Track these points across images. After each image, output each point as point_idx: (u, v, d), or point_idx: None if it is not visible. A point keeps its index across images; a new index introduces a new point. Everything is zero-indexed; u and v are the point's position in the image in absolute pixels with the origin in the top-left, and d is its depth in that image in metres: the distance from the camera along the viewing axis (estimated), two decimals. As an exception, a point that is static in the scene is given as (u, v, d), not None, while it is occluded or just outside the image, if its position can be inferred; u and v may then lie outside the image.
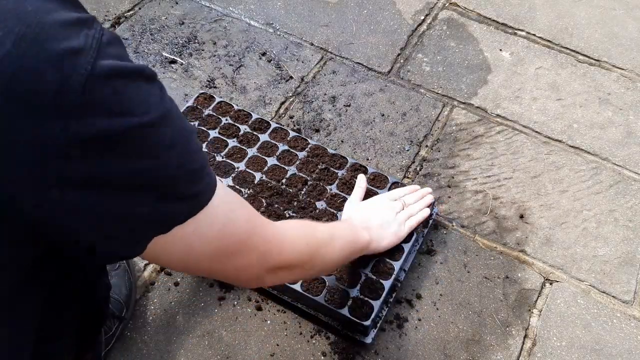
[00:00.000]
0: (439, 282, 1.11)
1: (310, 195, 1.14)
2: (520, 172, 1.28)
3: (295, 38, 1.52)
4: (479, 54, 1.52)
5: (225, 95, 1.37)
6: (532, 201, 1.23)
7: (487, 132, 1.36)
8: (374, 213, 1.04)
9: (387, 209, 1.06)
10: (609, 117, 1.40)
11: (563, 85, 1.46)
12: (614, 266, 1.15)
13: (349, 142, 1.31)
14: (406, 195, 1.12)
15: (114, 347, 0.99)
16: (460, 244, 1.16)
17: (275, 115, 1.35)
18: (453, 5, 1.64)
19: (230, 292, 1.07)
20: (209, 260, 0.57)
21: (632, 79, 1.48)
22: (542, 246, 1.17)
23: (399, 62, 1.49)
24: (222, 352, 1.00)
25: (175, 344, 1.01)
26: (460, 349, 1.03)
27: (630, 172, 1.29)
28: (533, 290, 1.11)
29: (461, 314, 1.07)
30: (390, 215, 1.05)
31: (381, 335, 1.03)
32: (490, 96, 1.43)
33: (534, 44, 1.55)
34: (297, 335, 1.03)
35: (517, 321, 1.07)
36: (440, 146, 1.32)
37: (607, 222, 1.21)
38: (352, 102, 1.39)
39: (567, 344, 1.05)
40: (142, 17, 1.54)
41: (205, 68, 1.43)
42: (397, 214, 1.06)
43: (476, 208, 1.22)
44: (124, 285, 1.01)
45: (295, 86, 1.41)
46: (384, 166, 1.27)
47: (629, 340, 1.05)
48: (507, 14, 1.62)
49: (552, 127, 1.37)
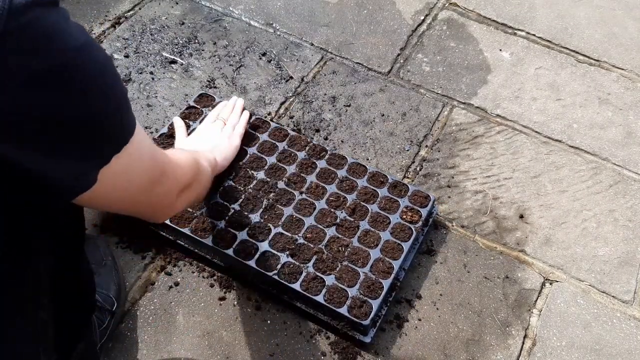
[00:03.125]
0: (438, 282, 1.11)
1: (311, 195, 1.14)
2: (520, 172, 1.29)
3: (295, 38, 1.53)
4: (478, 54, 1.52)
5: (225, 96, 1.37)
6: (532, 201, 1.24)
7: (487, 132, 1.36)
8: (203, 140, 1.14)
9: (212, 131, 1.16)
10: (608, 117, 1.40)
11: (563, 85, 1.46)
12: (614, 266, 1.15)
13: (349, 142, 1.31)
14: (220, 113, 1.21)
15: (114, 347, 0.99)
16: (460, 244, 1.16)
17: (275, 115, 1.35)
18: (453, 6, 1.64)
19: (231, 292, 1.07)
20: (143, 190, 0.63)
21: (632, 79, 1.48)
22: (542, 246, 1.17)
23: (399, 62, 1.49)
24: (222, 352, 1.00)
25: (175, 344, 1.01)
26: (460, 349, 1.03)
27: (630, 172, 1.29)
28: (533, 290, 1.11)
29: (461, 314, 1.07)
30: (217, 134, 1.15)
31: (381, 335, 1.03)
32: (490, 96, 1.43)
33: (534, 44, 1.55)
34: (297, 335, 1.03)
35: (517, 321, 1.07)
36: (440, 146, 1.32)
37: (607, 222, 1.21)
38: (352, 102, 1.39)
39: (567, 344, 1.05)
40: (142, 17, 1.54)
41: (206, 68, 1.44)
42: (222, 130, 1.16)
43: (476, 208, 1.22)
44: (112, 281, 1.01)
45: (295, 86, 1.42)
46: (384, 166, 1.27)
47: (629, 340, 1.05)
48: (507, 14, 1.62)
49: (552, 127, 1.37)
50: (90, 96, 0.48)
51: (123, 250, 1.11)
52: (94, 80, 0.48)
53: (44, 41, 0.43)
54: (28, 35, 0.42)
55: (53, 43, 0.44)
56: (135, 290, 1.07)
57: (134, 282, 1.07)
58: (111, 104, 0.52)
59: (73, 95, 0.46)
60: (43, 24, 0.43)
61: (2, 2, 0.40)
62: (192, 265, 1.10)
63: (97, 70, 0.49)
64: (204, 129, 1.18)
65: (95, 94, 0.49)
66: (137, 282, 1.07)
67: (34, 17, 0.42)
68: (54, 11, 0.44)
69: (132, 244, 1.12)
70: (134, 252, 1.11)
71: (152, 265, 1.10)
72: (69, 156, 0.51)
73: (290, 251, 1.05)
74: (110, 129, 0.54)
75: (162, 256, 1.10)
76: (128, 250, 1.11)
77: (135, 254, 1.10)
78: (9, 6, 0.40)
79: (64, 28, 0.45)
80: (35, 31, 0.42)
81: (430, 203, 1.14)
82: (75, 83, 0.46)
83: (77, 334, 0.79)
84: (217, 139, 1.14)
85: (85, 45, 0.47)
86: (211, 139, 1.14)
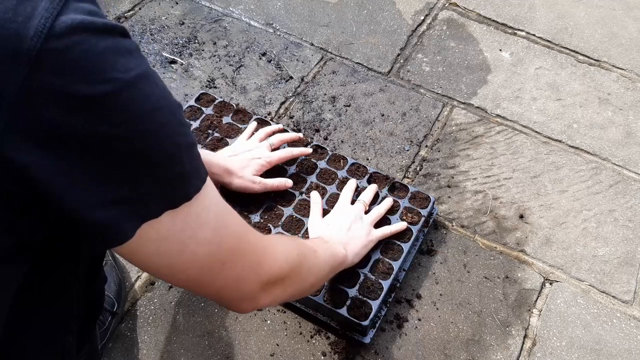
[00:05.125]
0: (438, 282, 1.11)
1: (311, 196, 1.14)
2: (520, 172, 1.29)
3: (295, 38, 1.53)
4: (478, 54, 1.52)
5: (225, 96, 1.37)
6: (532, 201, 1.23)
7: (487, 132, 1.36)
8: (340, 226, 1.00)
9: (352, 218, 1.02)
10: (608, 117, 1.40)
11: (563, 85, 1.46)
12: (614, 266, 1.15)
13: (349, 142, 1.31)
14: (362, 195, 1.11)
15: (114, 347, 0.99)
16: (460, 244, 1.16)
17: (275, 115, 1.35)
18: (453, 6, 1.64)
19: (230, 292, 1.07)
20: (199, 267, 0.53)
21: (632, 79, 1.48)
22: (542, 246, 1.17)
23: (399, 62, 1.49)
24: (222, 352, 1.00)
25: (175, 344, 1.01)
26: (460, 349, 1.03)
27: (630, 172, 1.29)
28: (533, 290, 1.11)
29: (461, 314, 1.07)
30: (358, 224, 1.02)
31: (381, 335, 1.03)
32: (490, 96, 1.43)
33: (534, 44, 1.55)
34: (297, 335, 1.03)
35: (517, 321, 1.07)
36: (440, 146, 1.32)
37: (607, 222, 1.21)
38: (352, 102, 1.39)
39: (567, 344, 1.05)
40: (142, 17, 1.54)
41: (205, 68, 1.44)
42: (363, 219, 1.04)
43: (476, 208, 1.22)
44: (112, 281, 1.01)
45: (295, 86, 1.42)
46: (383, 166, 1.27)
47: (629, 340, 1.05)
48: (507, 14, 1.62)
49: (552, 127, 1.37)
50: (135, 134, 0.44)
51: (123, 250, 1.11)
52: (140, 117, 0.44)
53: (84, 68, 0.41)
54: (69, 58, 0.40)
55: (97, 71, 0.42)
56: (136, 290, 1.07)
57: (134, 282, 1.07)
58: (163, 148, 0.46)
59: (115, 128, 0.43)
60: (87, 50, 0.41)
61: (44, 21, 0.39)
62: (192, 266, 1.10)
63: (147, 107, 0.45)
64: (343, 212, 1.04)
65: (140, 132, 0.44)
66: (137, 282, 1.08)
67: (77, 41, 0.41)
68: (104, 39, 0.42)
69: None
70: (134, 252, 1.10)
71: (152, 265, 1.10)
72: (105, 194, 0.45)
73: None
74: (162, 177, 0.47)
75: (162, 256, 1.10)
76: (128, 251, 1.11)
77: (135, 254, 1.10)
78: (50, 26, 0.39)
79: (114, 58, 0.43)
80: (77, 56, 0.40)
81: (430, 204, 1.14)
82: (119, 115, 0.43)
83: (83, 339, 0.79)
84: (355, 230, 1.00)
85: (136, 79, 0.44)
86: (350, 227, 1.00)
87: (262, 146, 1.14)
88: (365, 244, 1.01)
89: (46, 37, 0.39)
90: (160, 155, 0.46)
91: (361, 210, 1.06)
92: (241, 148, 1.12)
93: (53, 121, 0.41)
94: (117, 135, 0.43)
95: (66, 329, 0.66)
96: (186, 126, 0.49)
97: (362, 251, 1.00)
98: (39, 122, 0.41)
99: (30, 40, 0.39)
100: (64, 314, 0.64)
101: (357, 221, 1.02)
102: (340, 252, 0.91)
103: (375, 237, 1.04)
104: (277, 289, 0.63)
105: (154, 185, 0.47)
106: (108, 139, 0.43)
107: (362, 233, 1.01)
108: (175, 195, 0.48)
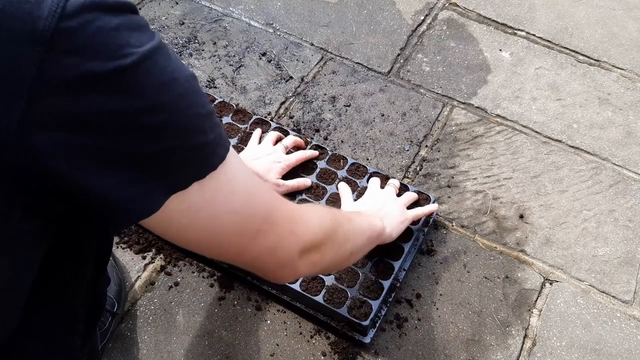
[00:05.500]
0: (438, 282, 1.11)
1: (311, 195, 1.14)
2: (520, 172, 1.29)
3: (295, 38, 1.53)
4: (478, 54, 1.52)
5: (225, 96, 1.37)
6: (532, 201, 1.23)
7: (487, 132, 1.36)
8: (375, 204, 1.03)
9: (384, 195, 1.06)
10: (608, 117, 1.40)
11: (563, 85, 1.46)
12: (614, 266, 1.15)
13: (349, 142, 1.31)
14: (390, 180, 1.14)
15: (114, 347, 0.99)
16: (460, 244, 1.16)
17: (275, 115, 1.35)
18: (453, 5, 1.64)
19: (230, 292, 1.07)
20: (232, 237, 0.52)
21: (632, 79, 1.48)
22: (542, 246, 1.17)
23: (399, 62, 1.49)
24: (222, 352, 1.00)
25: (175, 344, 1.01)
26: (460, 349, 1.03)
27: (630, 172, 1.29)
28: (533, 290, 1.11)
29: (461, 314, 1.07)
30: (391, 200, 1.05)
31: (381, 335, 1.03)
32: (490, 96, 1.43)
33: (534, 44, 1.55)
34: (297, 335, 1.03)
35: (517, 321, 1.07)
36: (440, 146, 1.32)
37: (607, 222, 1.21)
38: (352, 102, 1.39)
39: (567, 344, 1.05)
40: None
41: (205, 68, 1.44)
42: (396, 199, 1.07)
43: (476, 208, 1.22)
44: (112, 281, 1.01)
45: (295, 86, 1.42)
46: (384, 166, 1.27)
47: (629, 340, 1.05)
48: (507, 14, 1.62)
49: (552, 127, 1.37)
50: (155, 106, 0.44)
51: (123, 250, 1.11)
52: (158, 88, 0.44)
53: (99, 45, 0.41)
54: (82, 36, 0.40)
55: (112, 47, 0.42)
56: (136, 290, 1.07)
57: (134, 282, 1.07)
58: (184, 118, 0.46)
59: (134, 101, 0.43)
60: (101, 27, 0.41)
61: (57, 1, 0.40)
62: (192, 265, 1.10)
63: (164, 78, 0.45)
64: (376, 193, 1.07)
65: (161, 103, 0.44)
66: (137, 282, 1.08)
67: (90, 19, 0.41)
68: (116, 16, 0.42)
69: (133, 244, 1.12)
70: (134, 252, 1.11)
71: (152, 265, 1.10)
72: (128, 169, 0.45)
73: None
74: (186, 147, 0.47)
75: (162, 256, 1.10)
76: (128, 250, 1.11)
77: (136, 254, 1.10)
78: (63, 6, 0.40)
79: (127, 34, 0.43)
80: (91, 34, 0.41)
81: (431, 204, 1.14)
82: (137, 88, 0.43)
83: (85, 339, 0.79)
84: (389, 206, 1.02)
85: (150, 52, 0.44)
86: (384, 203, 1.02)
87: (279, 149, 1.14)
88: (402, 219, 1.02)
89: (60, 16, 0.39)
90: (182, 126, 0.46)
91: (393, 192, 1.09)
92: (260, 152, 1.12)
93: (73, 101, 0.41)
94: (137, 108, 0.43)
95: (71, 330, 0.66)
96: (203, 96, 0.49)
97: (399, 227, 1.01)
98: (59, 104, 0.41)
99: (45, 20, 0.39)
100: (69, 316, 0.64)
101: (391, 201, 1.05)
102: (377, 223, 0.90)
103: (410, 216, 1.05)
104: (314, 255, 0.62)
105: (178, 156, 0.46)
106: (128, 114, 0.43)
107: (397, 211, 1.02)
108: (201, 165, 0.48)
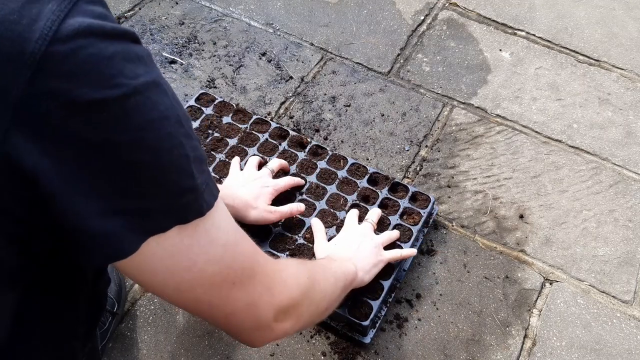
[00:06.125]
0: (438, 282, 1.11)
1: (311, 196, 1.14)
2: (520, 172, 1.29)
3: (295, 38, 1.53)
4: (478, 54, 1.52)
5: (225, 96, 1.37)
6: (532, 201, 1.24)
7: (487, 132, 1.36)
8: (348, 244, 0.98)
9: (359, 235, 1.00)
10: (608, 117, 1.40)
11: (563, 85, 1.46)
12: (614, 266, 1.15)
13: (349, 142, 1.31)
14: (368, 214, 1.07)
15: (114, 347, 0.99)
16: (460, 244, 1.16)
17: (275, 115, 1.35)
18: (453, 5, 1.64)
19: (230, 292, 1.07)
20: (208, 287, 0.50)
21: (632, 79, 1.48)
22: (542, 246, 1.17)
23: (399, 62, 1.49)
24: (222, 352, 1.00)
25: (175, 344, 1.01)
26: (460, 349, 1.03)
27: (630, 172, 1.29)
28: (533, 290, 1.11)
29: (461, 314, 1.07)
30: (367, 241, 0.99)
31: (381, 335, 1.03)
32: (490, 96, 1.43)
33: (534, 44, 1.55)
34: (297, 335, 1.03)
35: (517, 321, 1.07)
36: (440, 146, 1.32)
37: (607, 222, 1.21)
38: (352, 102, 1.39)
39: (567, 344, 1.05)
40: (142, 17, 1.54)
41: (205, 68, 1.44)
42: (373, 238, 1.01)
43: (476, 208, 1.22)
44: (112, 281, 1.01)
45: (295, 86, 1.42)
46: (384, 166, 1.27)
47: (629, 340, 1.05)
48: (507, 14, 1.62)
49: (552, 127, 1.37)
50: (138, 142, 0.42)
51: (123, 250, 1.11)
52: (145, 124, 0.43)
53: (90, 72, 0.40)
54: (72, 62, 0.39)
55: (103, 76, 0.41)
56: (135, 290, 1.07)
57: (134, 282, 1.07)
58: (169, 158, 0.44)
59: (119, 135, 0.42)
60: (93, 54, 0.40)
61: (50, 24, 0.39)
62: (192, 266, 1.10)
63: (154, 115, 0.43)
64: (351, 232, 1.01)
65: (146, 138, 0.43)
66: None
67: (84, 45, 0.40)
68: (113, 44, 0.41)
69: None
70: (134, 252, 1.10)
71: (152, 265, 1.10)
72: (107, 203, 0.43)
73: (290, 251, 1.05)
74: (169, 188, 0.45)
75: (162, 256, 1.10)
76: (128, 251, 1.11)
77: (135, 254, 1.10)
78: (55, 30, 0.39)
79: (122, 64, 0.42)
80: (82, 60, 0.40)
81: (430, 204, 1.14)
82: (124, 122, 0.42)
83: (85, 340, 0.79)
84: (364, 247, 0.97)
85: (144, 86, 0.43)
86: (359, 244, 0.97)
87: (264, 174, 1.09)
88: (375, 262, 0.97)
89: (51, 40, 0.39)
90: (168, 166, 0.44)
91: (369, 229, 1.03)
92: (246, 178, 1.07)
93: (56, 125, 0.40)
94: (121, 142, 0.42)
95: (72, 332, 0.66)
96: (195, 140, 0.47)
97: (372, 270, 0.96)
98: (42, 125, 0.40)
99: (35, 43, 0.38)
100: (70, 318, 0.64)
101: (366, 240, 0.99)
102: (350, 268, 0.87)
103: (386, 258, 1.00)
104: (291, 316, 0.59)
105: (162, 197, 0.45)
106: (112, 146, 0.42)
107: (371, 253, 0.97)
108: (187, 210, 0.46)
